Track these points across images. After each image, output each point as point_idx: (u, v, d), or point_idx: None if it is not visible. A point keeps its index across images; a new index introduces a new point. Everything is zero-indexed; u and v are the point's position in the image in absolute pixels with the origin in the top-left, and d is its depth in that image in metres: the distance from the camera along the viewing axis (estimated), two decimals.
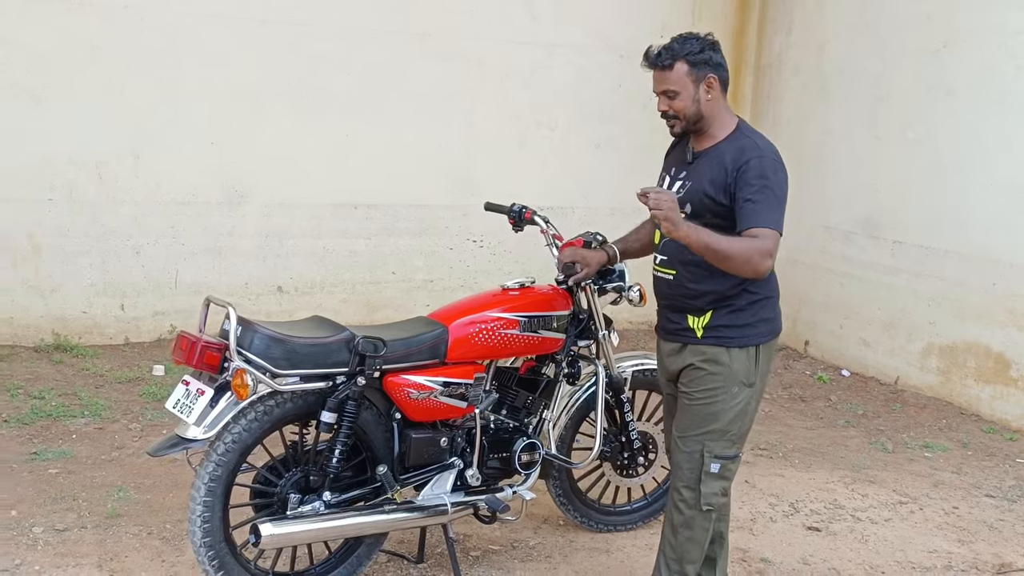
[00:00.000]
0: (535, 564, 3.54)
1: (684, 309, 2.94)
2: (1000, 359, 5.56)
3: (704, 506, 2.94)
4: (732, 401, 2.90)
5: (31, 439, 4.42)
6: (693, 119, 2.87)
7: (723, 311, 2.89)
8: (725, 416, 2.90)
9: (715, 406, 2.90)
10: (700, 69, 2.83)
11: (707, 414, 2.91)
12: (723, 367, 2.89)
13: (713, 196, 2.80)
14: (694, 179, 2.88)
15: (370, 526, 3.10)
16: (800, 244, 6.95)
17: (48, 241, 5.75)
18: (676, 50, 2.82)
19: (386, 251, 6.61)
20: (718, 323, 2.89)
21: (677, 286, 2.93)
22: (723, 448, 2.92)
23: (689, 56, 2.81)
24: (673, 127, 2.93)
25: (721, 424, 2.90)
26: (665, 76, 2.83)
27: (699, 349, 2.92)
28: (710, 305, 2.89)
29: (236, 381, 2.78)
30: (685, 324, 2.94)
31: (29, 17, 5.50)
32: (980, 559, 3.82)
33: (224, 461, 2.86)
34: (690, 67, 2.82)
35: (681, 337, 2.97)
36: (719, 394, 2.90)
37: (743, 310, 2.90)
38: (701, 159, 2.91)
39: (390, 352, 3.03)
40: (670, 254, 2.93)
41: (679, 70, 2.82)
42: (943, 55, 5.82)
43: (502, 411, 3.43)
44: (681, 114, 2.86)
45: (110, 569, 3.28)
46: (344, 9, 6.24)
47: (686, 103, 2.84)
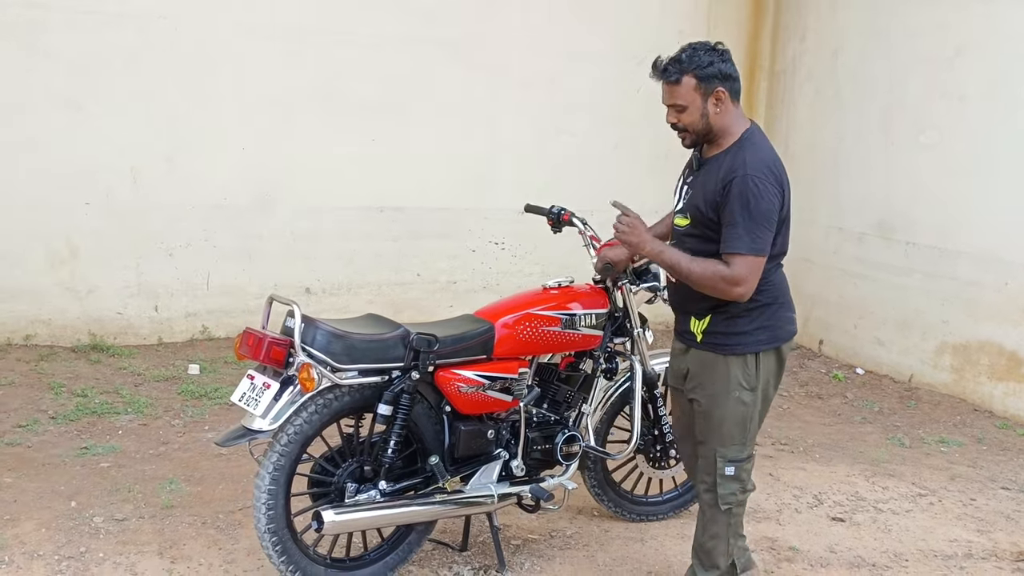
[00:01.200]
0: (573, 552, 3.70)
1: (688, 311, 3.02)
2: (1013, 357, 5.71)
3: (722, 506, 3.05)
4: (736, 406, 2.96)
5: (79, 435, 4.57)
6: (702, 132, 2.90)
7: (721, 316, 2.93)
8: (730, 421, 2.97)
9: (719, 411, 2.97)
10: (709, 83, 2.82)
11: (713, 420, 2.99)
12: (719, 374, 2.95)
13: (704, 211, 2.87)
14: (695, 189, 2.96)
15: (423, 514, 3.25)
16: (814, 245, 7.11)
17: (84, 244, 5.91)
18: (684, 64, 2.82)
19: (411, 253, 6.77)
20: (715, 329, 2.95)
21: (680, 288, 3.00)
22: (735, 452, 3.01)
23: (697, 70, 2.81)
24: (683, 139, 2.97)
25: (727, 428, 2.97)
26: (673, 90, 2.85)
27: (698, 355, 3.01)
28: (710, 309, 2.94)
29: (303, 375, 2.93)
30: (688, 327, 3.03)
31: (69, 28, 5.67)
32: (999, 547, 3.97)
33: (287, 451, 3.01)
34: (698, 81, 2.82)
35: (685, 339, 3.07)
36: (720, 400, 2.96)
37: (740, 317, 2.92)
38: (704, 168, 2.95)
39: (442, 348, 3.19)
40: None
41: (687, 84, 2.82)
42: (956, 61, 5.98)
43: (544, 405, 3.59)
44: (690, 127, 2.89)
45: (171, 556, 3.43)
46: (371, 18, 6.40)
47: (694, 117, 2.86)
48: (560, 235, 3.85)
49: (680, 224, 3.02)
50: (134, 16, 5.80)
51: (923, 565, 3.77)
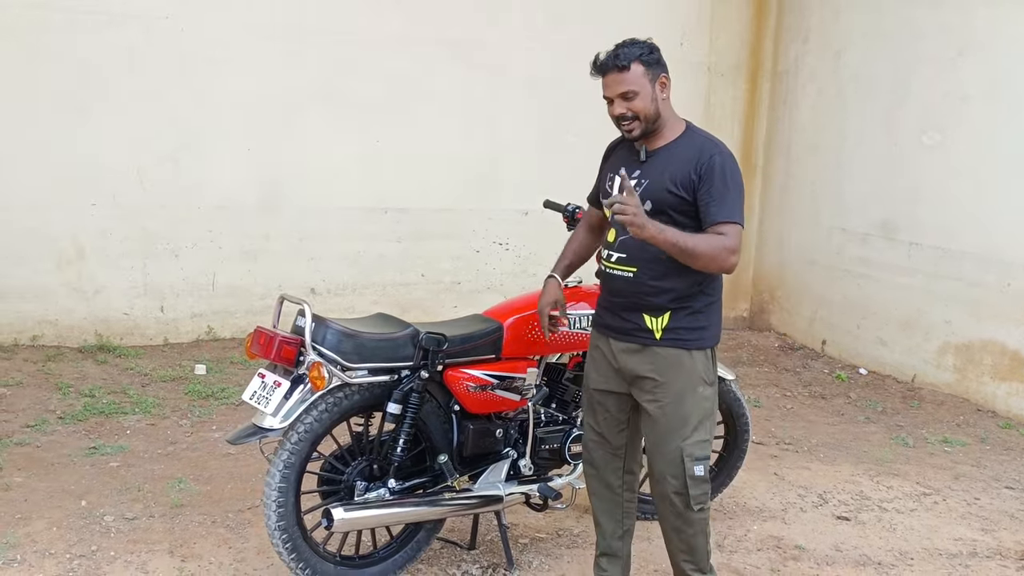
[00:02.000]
0: (580, 551, 3.71)
1: (642, 308, 2.93)
2: (1016, 357, 5.73)
3: (695, 505, 2.96)
4: (699, 402, 2.94)
5: (87, 434, 4.60)
6: (652, 118, 2.91)
7: (682, 313, 2.91)
8: (694, 417, 2.93)
9: (684, 408, 2.92)
10: (654, 69, 2.90)
11: (679, 418, 2.92)
12: (685, 368, 2.92)
13: (677, 193, 2.86)
14: (652, 176, 2.92)
15: (432, 513, 3.28)
16: (818, 246, 7.14)
17: (91, 245, 5.93)
18: (631, 52, 2.87)
19: (415, 254, 6.79)
20: (677, 325, 2.91)
21: (637, 284, 2.92)
22: (701, 449, 2.95)
23: (643, 57, 2.88)
24: (632, 130, 2.92)
25: (693, 425, 2.93)
26: (623, 78, 2.87)
27: (659, 352, 2.92)
28: (669, 304, 2.91)
29: (313, 373, 2.95)
30: (643, 324, 2.93)
31: (72, 28, 5.69)
32: (1003, 546, 3.99)
33: (297, 449, 3.03)
34: (645, 67, 2.88)
35: (638, 338, 2.95)
36: (685, 397, 2.92)
37: (700, 312, 2.94)
38: (656, 157, 2.94)
39: (451, 347, 3.21)
40: (629, 251, 2.93)
41: (636, 71, 2.87)
42: (958, 62, 6.00)
43: (552, 404, 3.61)
44: (641, 114, 2.89)
45: (181, 555, 3.45)
46: (374, 18, 6.43)
47: (646, 103, 2.88)
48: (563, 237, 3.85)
49: None
50: (137, 16, 5.83)
51: (928, 563, 3.79)
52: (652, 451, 3.01)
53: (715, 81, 7.57)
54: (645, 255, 2.90)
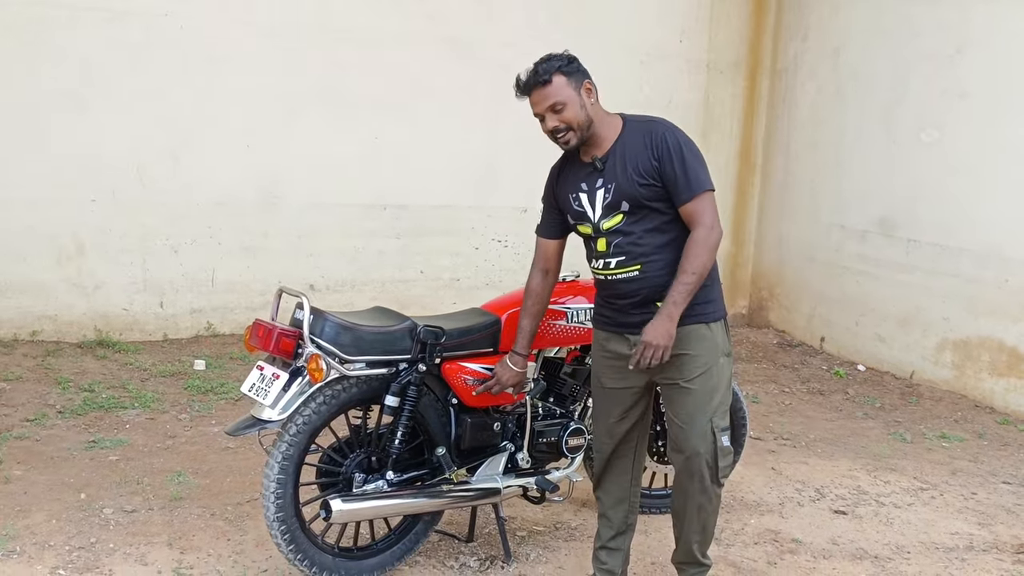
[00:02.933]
0: (578, 543, 3.73)
1: (655, 299, 2.94)
2: (1013, 353, 5.74)
3: (721, 479, 3.04)
4: (722, 372, 3.00)
5: (87, 428, 4.61)
6: (585, 125, 2.92)
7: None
8: (721, 387, 2.99)
9: (712, 381, 2.97)
10: (575, 77, 2.92)
11: (707, 391, 2.96)
12: (708, 341, 2.96)
13: (645, 182, 2.87)
14: (616, 179, 2.93)
15: (429, 505, 3.29)
16: (816, 243, 7.15)
17: (91, 240, 5.94)
18: (550, 66, 2.91)
19: (414, 250, 6.80)
20: (692, 301, 2.92)
21: (646, 279, 2.94)
22: (725, 419, 3.02)
23: (562, 68, 2.91)
24: (568, 141, 2.93)
25: (720, 396, 2.99)
26: (547, 92, 2.90)
27: (682, 331, 2.89)
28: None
29: (311, 365, 2.97)
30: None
31: (74, 25, 5.70)
32: (1000, 540, 4.00)
33: (296, 441, 3.04)
34: (567, 77, 2.91)
35: None
36: (712, 369, 2.97)
37: (707, 287, 2.97)
38: (611, 159, 2.95)
39: (449, 340, 3.23)
40: (628, 252, 2.94)
41: (558, 83, 2.90)
42: (957, 59, 6.01)
43: (550, 398, 3.62)
44: (574, 123, 2.90)
45: (180, 547, 3.46)
46: (373, 16, 6.44)
47: (575, 111, 2.90)
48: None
49: (615, 222, 2.95)
50: (138, 14, 5.84)
51: (925, 557, 3.80)
52: (683, 428, 3.00)
53: (714, 78, 7.58)
54: (643, 250, 2.93)
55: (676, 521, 3.16)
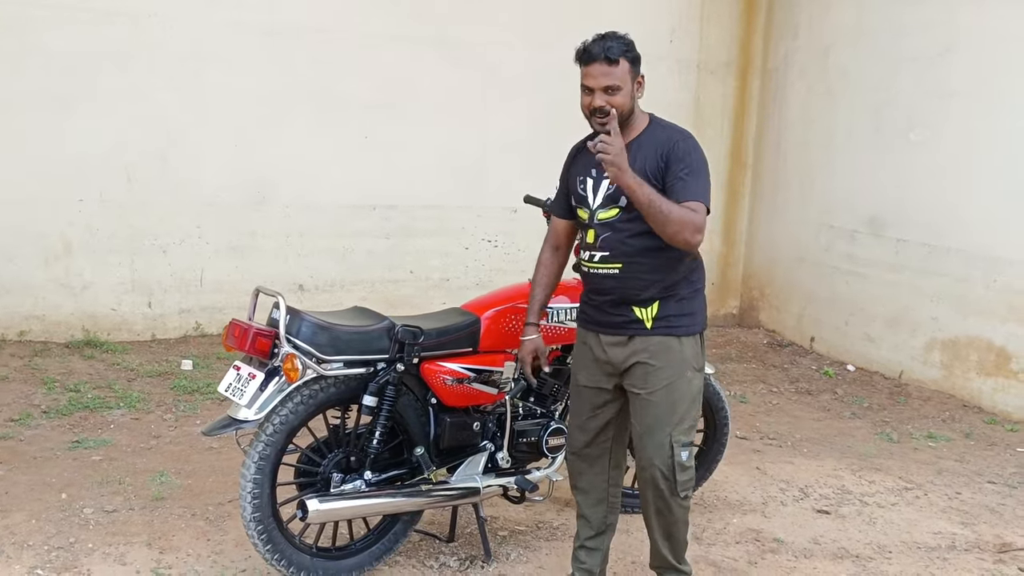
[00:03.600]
0: (559, 543, 3.72)
1: (631, 301, 2.95)
2: (1001, 353, 5.74)
3: (680, 492, 2.99)
4: (687, 387, 2.97)
5: (71, 428, 4.61)
6: (627, 116, 2.91)
7: (670, 301, 2.94)
8: (683, 403, 2.96)
9: (674, 394, 2.94)
10: (636, 67, 2.90)
11: (668, 404, 2.94)
12: (675, 355, 2.94)
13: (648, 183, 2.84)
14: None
15: (408, 504, 3.29)
16: (806, 242, 7.15)
17: (79, 241, 5.95)
18: (620, 47, 2.84)
19: (404, 250, 6.80)
20: (667, 313, 2.93)
21: (624, 279, 2.94)
22: (687, 435, 2.98)
23: (629, 54, 2.87)
24: (604, 124, 2.84)
25: (681, 411, 2.95)
26: (611, 71, 2.83)
27: (649, 341, 2.93)
28: (658, 295, 2.93)
29: (287, 365, 2.97)
30: (632, 316, 2.95)
31: (61, 26, 5.70)
32: (982, 539, 4.00)
33: (273, 441, 3.04)
34: (631, 65, 2.87)
35: (628, 329, 2.97)
36: (675, 383, 2.94)
37: (687, 299, 2.97)
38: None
39: (427, 340, 3.23)
40: (613, 248, 2.94)
41: (623, 67, 2.85)
42: (944, 58, 6.01)
43: (530, 398, 3.62)
44: (620, 110, 2.85)
45: (159, 547, 3.46)
46: (361, 16, 6.44)
47: (625, 99, 2.87)
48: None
49: (609, 215, 2.96)
50: (124, 14, 5.84)
51: (906, 557, 3.80)
52: (641, 438, 3.00)
53: (705, 78, 7.58)
54: (628, 250, 2.93)
55: (645, 524, 3.16)
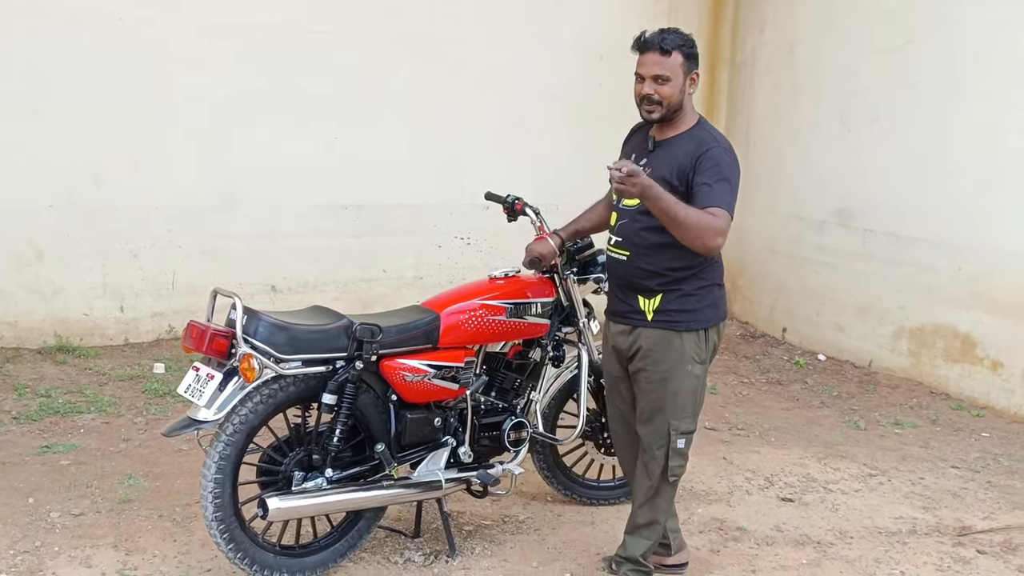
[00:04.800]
0: (525, 536, 3.77)
1: (636, 289, 3.10)
2: (967, 340, 5.81)
3: (670, 477, 3.17)
4: (686, 379, 3.09)
5: (41, 434, 4.62)
6: (675, 108, 3.02)
7: (673, 295, 3.06)
8: (682, 393, 3.09)
9: (671, 385, 3.08)
10: (690, 63, 3.01)
11: (666, 394, 3.09)
12: (674, 348, 3.07)
13: (673, 184, 2.97)
14: (655, 166, 3.05)
15: (369, 500, 3.32)
16: (776, 234, 7.21)
17: (49, 246, 5.93)
18: (676, 39, 2.97)
19: (376, 249, 6.82)
20: (668, 307, 3.06)
21: (631, 267, 3.09)
22: (687, 424, 3.13)
23: (684, 48, 2.98)
24: (652, 112, 3.02)
25: (680, 402, 3.10)
26: (662, 61, 2.95)
27: (650, 332, 3.08)
28: (661, 287, 3.06)
29: (243, 365, 2.99)
30: (636, 306, 3.11)
31: (26, 31, 5.69)
32: (943, 523, 4.07)
33: (233, 441, 3.07)
34: (684, 59, 2.98)
35: (631, 319, 3.14)
36: (674, 373, 3.07)
37: (692, 295, 3.08)
38: (662, 148, 3.09)
39: (386, 337, 3.26)
40: (625, 236, 3.10)
41: (676, 59, 2.96)
42: (907, 50, 6.08)
43: (492, 393, 3.66)
44: (667, 101, 2.98)
45: (125, 549, 3.48)
46: (327, 16, 6.43)
47: (674, 91, 2.98)
48: (525, 231, 3.88)
49: (631, 204, 3.07)
50: (91, 20, 5.82)
51: (867, 542, 3.86)
52: (641, 421, 3.18)
53: None
54: (637, 240, 3.07)
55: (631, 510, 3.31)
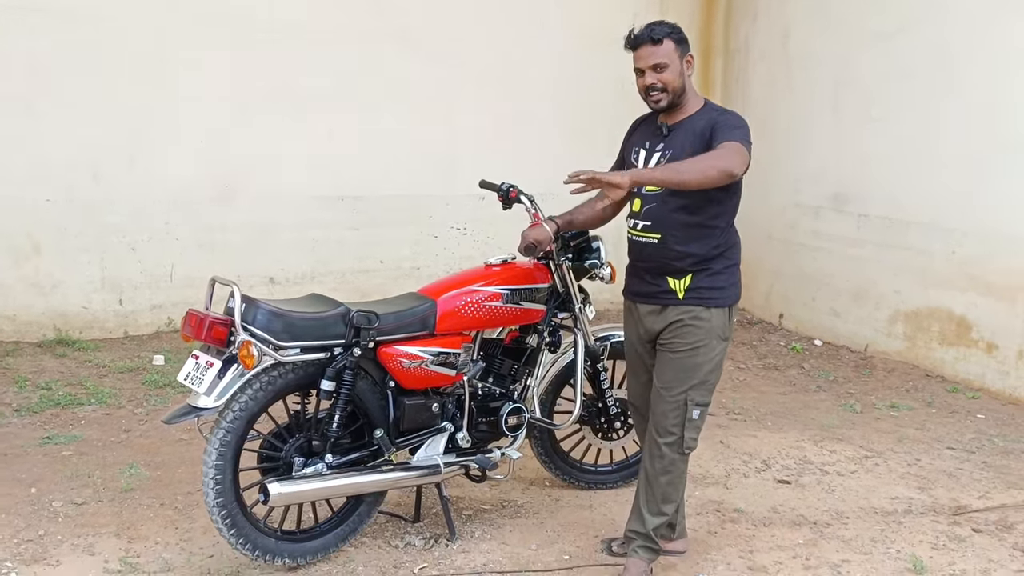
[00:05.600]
0: (523, 520, 3.81)
1: (666, 272, 3.19)
2: (962, 322, 5.85)
3: (685, 449, 3.24)
4: (711, 353, 3.19)
5: (42, 425, 4.65)
6: (679, 92, 3.14)
7: (702, 274, 3.17)
8: (705, 367, 3.19)
9: (697, 358, 3.18)
10: (682, 47, 3.15)
11: (691, 366, 3.18)
12: (704, 323, 3.17)
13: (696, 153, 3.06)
14: (674, 148, 3.15)
15: (369, 485, 3.35)
16: (772, 220, 7.25)
17: (48, 240, 5.96)
18: (664, 29, 3.12)
19: (373, 240, 6.85)
20: (698, 285, 3.17)
21: (662, 248, 3.17)
22: (703, 396, 3.22)
23: (674, 35, 3.13)
24: (659, 101, 3.15)
25: (702, 374, 3.19)
26: (656, 51, 3.10)
27: (681, 309, 3.18)
28: (691, 267, 3.16)
29: (243, 352, 3.02)
30: (666, 286, 3.19)
31: (24, 27, 5.71)
32: (938, 503, 4.11)
33: (233, 428, 3.10)
34: (676, 44, 3.13)
35: (661, 299, 3.22)
36: (701, 348, 3.18)
37: (720, 273, 3.19)
38: (676, 131, 3.18)
39: (383, 324, 3.29)
40: (654, 219, 3.17)
41: (668, 46, 3.11)
42: (899, 39, 6.11)
43: (489, 378, 3.69)
44: (670, 86, 3.12)
45: (128, 537, 3.52)
46: (321, 12, 6.46)
47: (674, 76, 3.12)
48: (520, 220, 3.89)
49: (655, 188, 3.14)
50: (88, 15, 5.84)
51: (863, 522, 3.90)
52: (659, 393, 3.23)
53: None
54: (669, 222, 3.15)
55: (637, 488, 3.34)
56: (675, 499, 3.32)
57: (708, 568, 3.47)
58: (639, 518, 3.31)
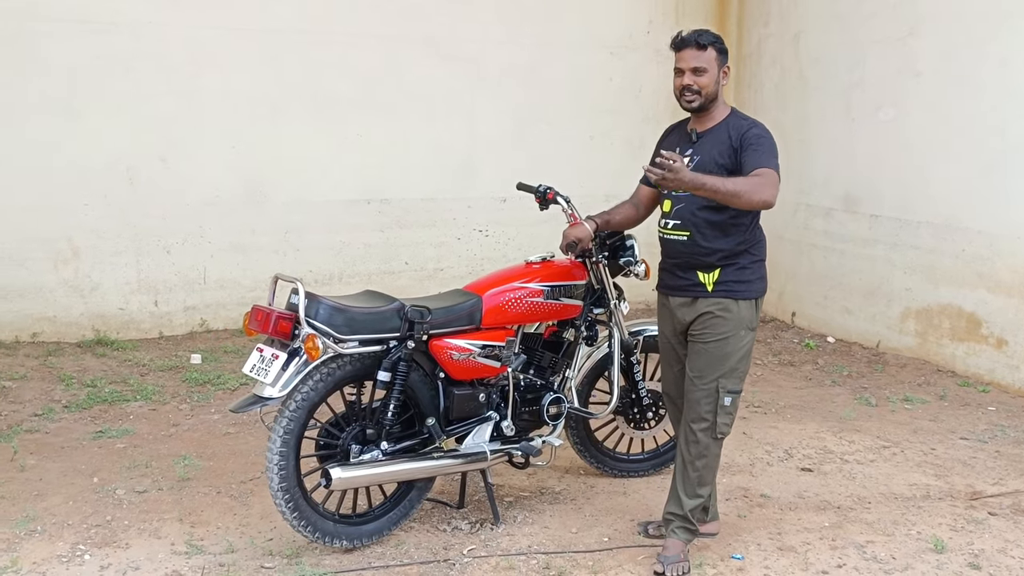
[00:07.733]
0: (561, 506, 4.00)
1: (696, 266, 3.41)
2: (972, 319, 6.04)
3: (718, 434, 3.44)
4: (740, 343, 3.40)
5: (93, 420, 4.85)
6: (711, 97, 3.37)
7: (730, 268, 3.40)
8: (735, 356, 3.40)
9: (727, 347, 3.39)
10: (723, 57, 3.38)
11: (721, 355, 3.39)
12: (732, 315, 3.39)
13: (723, 164, 3.31)
14: (703, 153, 3.39)
15: (422, 471, 3.55)
16: (785, 221, 7.43)
17: (86, 244, 6.17)
18: (710, 36, 3.35)
19: (399, 243, 7.05)
20: (726, 279, 3.39)
21: (691, 245, 3.39)
22: (734, 384, 3.42)
23: (718, 44, 3.36)
24: (692, 102, 3.37)
25: (732, 363, 3.40)
26: (699, 55, 3.33)
27: (711, 301, 3.40)
28: (719, 262, 3.38)
29: (308, 344, 3.21)
30: (696, 280, 3.42)
31: (63, 36, 5.92)
32: (955, 489, 4.30)
33: (296, 416, 3.29)
34: (718, 53, 3.36)
35: (691, 292, 3.44)
36: (730, 337, 3.39)
37: (746, 268, 3.42)
38: (705, 137, 3.42)
39: (435, 319, 3.49)
40: (683, 218, 3.40)
41: (710, 53, 3.34)
42: (909, 41, 6.30)
43: (530, 370, 3.89)
44: (704, 90, 3.34)
45: (190, 522, 3.71)
46: (348, 17, 6.67)
47: (710, 82, 3.34)
48: (540, 222, 4.12)
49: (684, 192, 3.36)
50: (123, 24, 6.06)
51: (884, 507, 4.09)
52: (692, 381, 3.44)
53: None
54: (696, 220, 3.37)
55: (675, 473, 3.53)
56: (709, 482, 3.52)
57: (740, 548, 3.66)
58: (677, 501, 3.50)
